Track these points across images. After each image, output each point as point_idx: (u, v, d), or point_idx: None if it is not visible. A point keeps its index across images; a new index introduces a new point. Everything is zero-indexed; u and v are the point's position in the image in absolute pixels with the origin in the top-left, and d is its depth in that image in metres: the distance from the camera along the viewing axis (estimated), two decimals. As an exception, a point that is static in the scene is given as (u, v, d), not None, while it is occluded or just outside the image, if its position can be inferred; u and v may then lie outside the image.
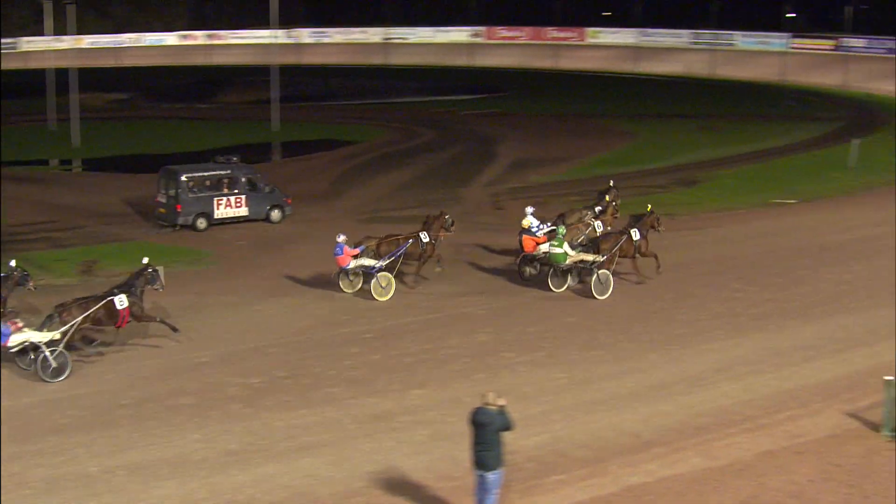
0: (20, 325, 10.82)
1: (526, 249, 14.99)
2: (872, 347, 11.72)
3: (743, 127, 35.13)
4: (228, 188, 19.85)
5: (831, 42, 62.31)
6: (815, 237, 18.11)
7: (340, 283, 14.59)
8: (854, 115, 39.20)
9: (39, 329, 10.86)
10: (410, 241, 14.71)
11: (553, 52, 63.12)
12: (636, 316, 13.40)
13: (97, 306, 11.28)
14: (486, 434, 7.45)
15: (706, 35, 64.03)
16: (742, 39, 65.25)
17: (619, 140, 31.91)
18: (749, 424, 9.69)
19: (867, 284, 14.56)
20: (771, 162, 28.02)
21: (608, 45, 66.25)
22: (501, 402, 7.56)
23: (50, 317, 11.26)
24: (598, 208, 16.44)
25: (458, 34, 67.20)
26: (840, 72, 51.26)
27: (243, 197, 19.88)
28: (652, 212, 15.36)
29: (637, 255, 14.85)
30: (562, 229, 14.75)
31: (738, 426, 9.64)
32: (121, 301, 11.48)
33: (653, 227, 15.19)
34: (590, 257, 14.37)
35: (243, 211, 19.91)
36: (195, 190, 19.61)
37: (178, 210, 19.43)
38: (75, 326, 11.05)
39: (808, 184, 22.95)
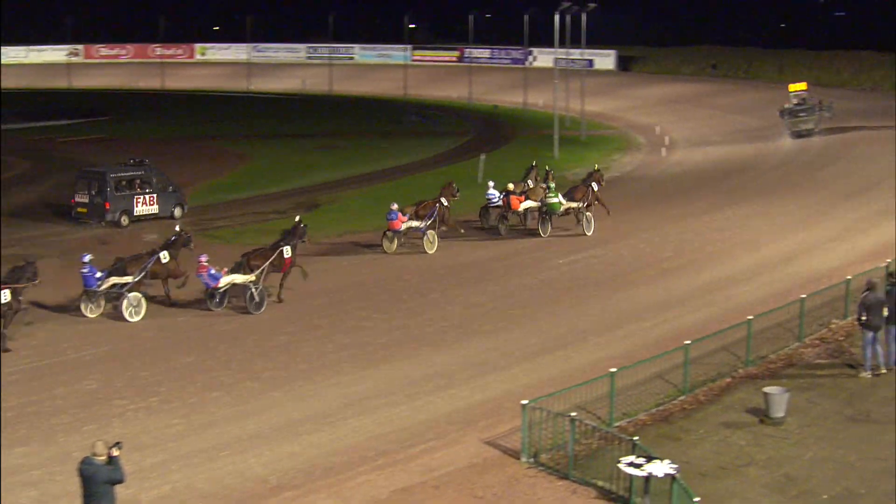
0: (226, 270, 16.51)
1: (514, 207, 22.58)
2: (508, 371, 13.27)
3: (367, 145, 38.66)
4: (141, 188, 25.38)
5: (454, 53, 69.65)
6: (444, 258, 20.18)
7: (384, 243, 21.32)
8: (481, 129, 44.80)
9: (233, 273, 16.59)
10: (437, 205, 21.30)
11: (160, 70, 64.68)
12: (258, 351, 14.47)
13: (274, 255, 16.97)
14: (93, 487, 7.95)
15: (323, 49, 68.32)
16: (361, 53, 71.27)
17: (235, 163, 34.26)
18: (383, 460, 10.46)
19: (500, 305, 16.52)
20: (398, 181, 30.85)
21: (219, 61, 69.41)
22: (114, 452, 8.07)
23: (239, 264, 16.90)
24: (529, 181, 23.87)
25: (54, 54, 67.88)
26: (464, 84, 57.57)
27: (155, 195, 25.65)
28: (598, 169, 23.81)
29: (596, 202, 22.81)
30: (552, 184, 22.75)
31: (370, 463, 10.39)
32: (287, 251, 17.29)
33: (598, 181, 23.19)
34: (575, 204, 22.41)
35: (155, 209, 25.65)
36: (119, 189, 25.01)
37: (108, 208, 24.79)
38: (265, 271, 16.76)
39: (437, 202, 24.15)
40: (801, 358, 14.24)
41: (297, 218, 18.92)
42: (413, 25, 69.70)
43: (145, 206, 25.52)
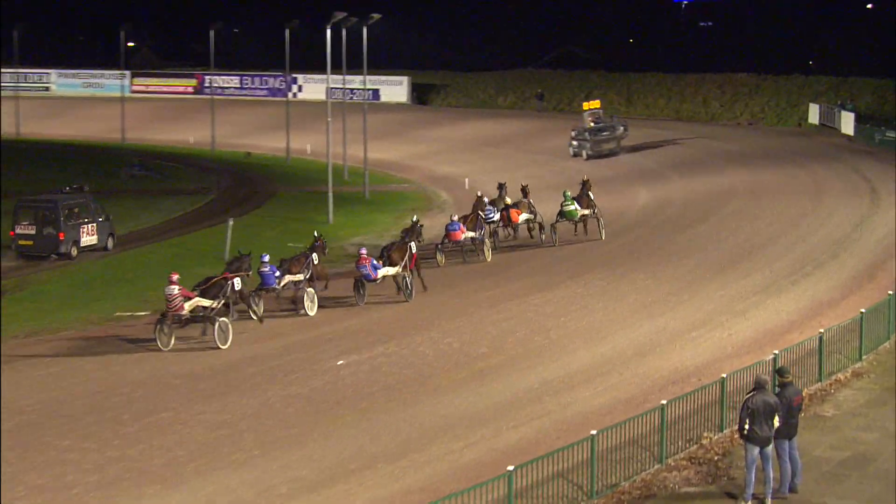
0: (381, 264, 25.15)
1: (514, 220, 31.63)
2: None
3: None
4: (84, 217, 30.31)
5: (190, 81, 69.12)
6: (184, 361, 20.85)
7: (437, 256, 29.49)
8: (229, 184, 45.49)
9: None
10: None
11: None
12: None
13: (407, 251, 25.46)
14: None
15: (7, 76, 66.92)
16: (60, 81, 70.66)
17: None
18: None
19: (255, 425, 16.83)
20: (113, 256, 31.43)
21: None
22: None
23: (380, 257, 25.52)
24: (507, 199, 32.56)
25: None
26: (205, 123, 57.71)
27: (95, 225, 30.87)
28: (587, 180, 32.40)
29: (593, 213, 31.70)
30: (568, 192, 31.46)
31: None
32: (413, 247, 25.88)
33: (588, 190, 32.40)
34: (587, 211, 31.64)
35: (95, 238, 30.71)
36: (70, 218, 29.73)
37: (62, 239, 29.57)
38: (406, 264, 25.31)
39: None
40: (665, 485, 14.28)
41: (415, 217, 28.16)
42: (132, 44, 69.57)
43: (88, 235, 30.62)
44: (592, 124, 50.49)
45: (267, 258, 24.30)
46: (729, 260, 28.09)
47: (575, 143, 50.33)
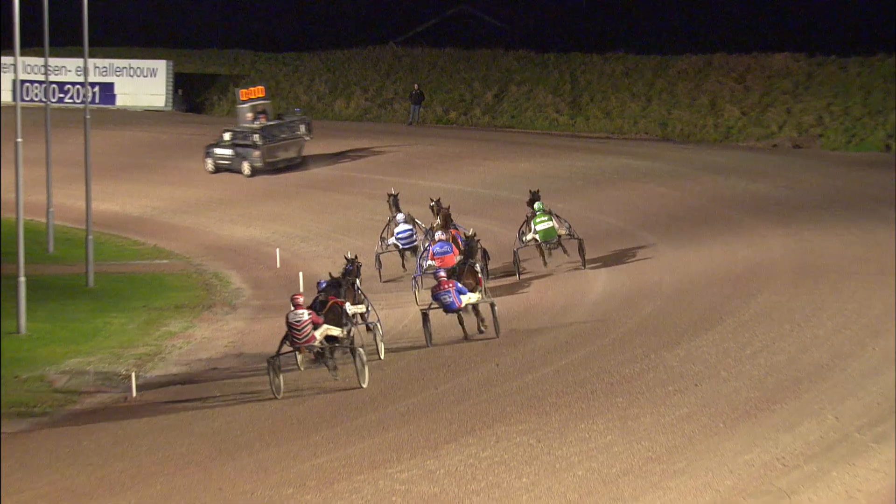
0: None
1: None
2: None
3: None
4: None
5: None
6: None
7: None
8: None
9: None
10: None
11: None
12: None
13: (476, 271, 32.13)
14: None
15: None
16: None
17: None
18: None
19: None
20: None
21: None
22: None
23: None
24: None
25: None
26: None
27: None
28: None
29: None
30: (541, 203, 37.88)
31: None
32: (479, 268, 32.82)
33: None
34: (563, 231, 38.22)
35: None
36: None
37: None
38: (483, 287, 32.52)
39: None
40: None
41: (472, 231, 34.76)
42: None
43: None
44: (258, 123, 54.83)
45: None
46: (760, 396, 27.04)
47: (225, 152, 54.40)
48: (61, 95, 63.70)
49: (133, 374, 30.78)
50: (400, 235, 38.70)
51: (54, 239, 46.36)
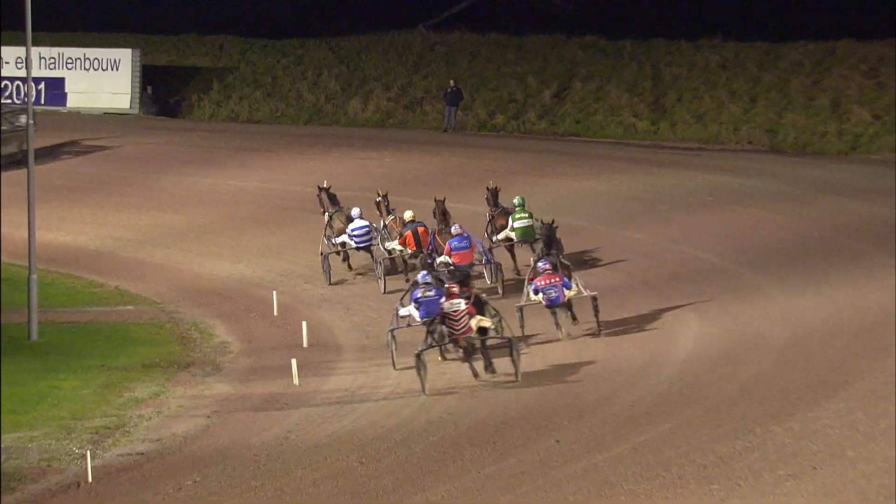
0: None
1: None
2: None
3: None
4: None
5: None
6: None
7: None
8: None
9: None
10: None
11: None
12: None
13: (567, 264, 38.49)
14: None
15: None
16: None
17: None
18: None
19: None
20: None
21: None
22: None
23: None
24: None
25: None
26: None
27: None
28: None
29: None
30: (520, 197, 43.65)
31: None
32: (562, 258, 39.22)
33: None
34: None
35: None
36: None
37: None
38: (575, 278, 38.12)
39: None
40: None
41: (552, 219, 39.28)
42: None
43: None
44: None
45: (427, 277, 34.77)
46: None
47: None
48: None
49: (88, 454, 30.20)
50: (356, 232, 41.88)
51: (-10, 280, 46.23)
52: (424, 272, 35.98)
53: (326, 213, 44.28)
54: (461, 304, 32.27)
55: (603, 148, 61.33)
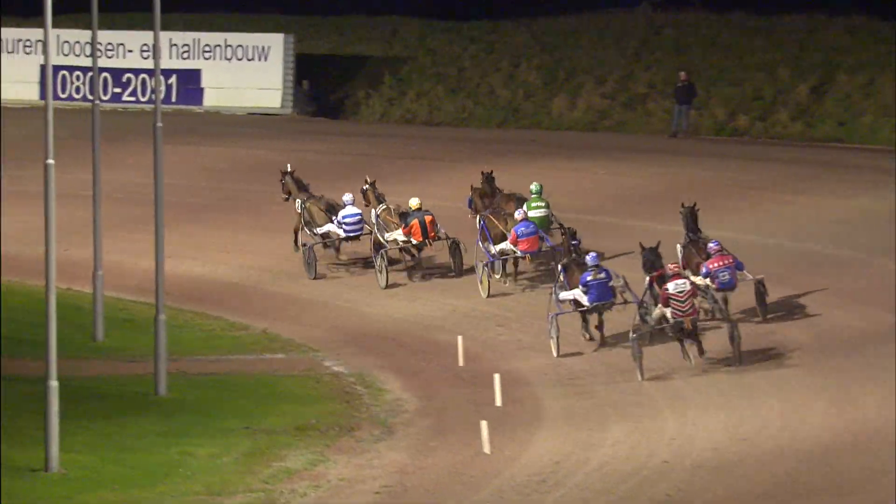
0: None
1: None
2: None
3: None
4: None
5: None
6: None
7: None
8: None
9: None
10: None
11: None
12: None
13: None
14: None
15: None
16: None
17: None
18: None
19: None
20: None
21: None
22: None
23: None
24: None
25: None
26: None
27: None
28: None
29: None
30: (537, 185, 49.49)
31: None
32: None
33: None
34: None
35: None
36: None
37: None
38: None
39: None
40: None
41: (693, 203, 44.65)
42: None
43: None
44: None
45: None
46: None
47: None
48: (117, 91, 64.78)
49: None
50: (348, 220, 47.01)
51: (104, 319, 46.54)
52: (594, 254, 40.52)
53: (297, 201, 49.21)
54: (686, 284, 36.98)
55: (876, 157, 61.00)
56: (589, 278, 40.20)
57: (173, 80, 69.87)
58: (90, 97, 49.20)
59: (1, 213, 48.07)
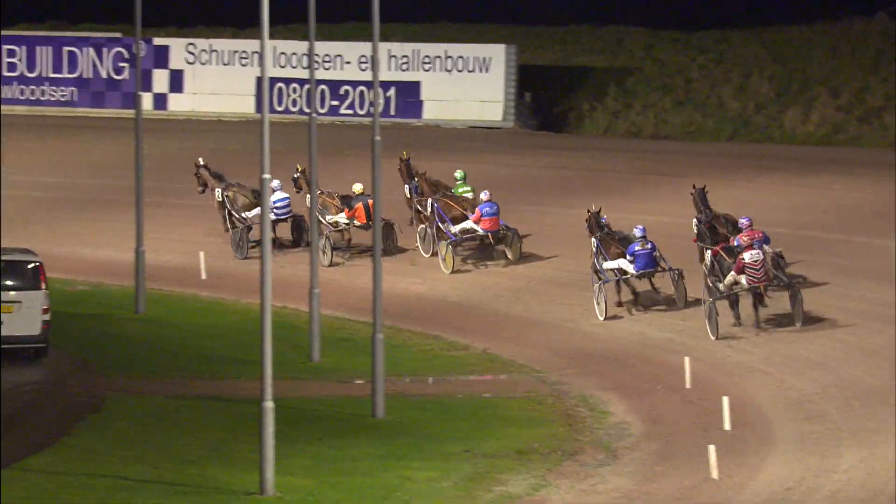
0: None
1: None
2: None
3: None
4: None
5: None
6: None
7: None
8: None
9: None
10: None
11: None
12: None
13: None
14: None
15: None
16: None
17: None
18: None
19: None
20: None
21: None
22: None
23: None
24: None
25: None
26: None
27: None
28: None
29: None
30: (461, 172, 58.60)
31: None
32: None
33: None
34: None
35: None
36: None
37: None
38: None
39: None
40: None
41: (703, 185, 50.21)
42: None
43: None
44: None
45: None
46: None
47: None
48: (334, 103, 66.08)
49: None
50: (279, 204, 51.80)
51: (320, 339, 47.27)
52: (641, 226, 46.47)
53: (217, 190, 54.91)
54: (760, 254, 41.73)
55: None
56: (637, 248, 45.70)
57: (392, 92, 71.23)
58: (307, 110, 50.32)
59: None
